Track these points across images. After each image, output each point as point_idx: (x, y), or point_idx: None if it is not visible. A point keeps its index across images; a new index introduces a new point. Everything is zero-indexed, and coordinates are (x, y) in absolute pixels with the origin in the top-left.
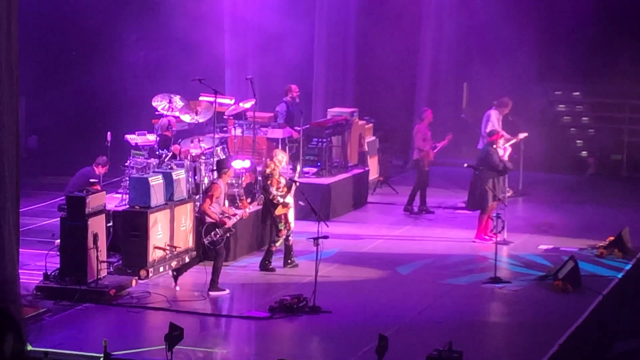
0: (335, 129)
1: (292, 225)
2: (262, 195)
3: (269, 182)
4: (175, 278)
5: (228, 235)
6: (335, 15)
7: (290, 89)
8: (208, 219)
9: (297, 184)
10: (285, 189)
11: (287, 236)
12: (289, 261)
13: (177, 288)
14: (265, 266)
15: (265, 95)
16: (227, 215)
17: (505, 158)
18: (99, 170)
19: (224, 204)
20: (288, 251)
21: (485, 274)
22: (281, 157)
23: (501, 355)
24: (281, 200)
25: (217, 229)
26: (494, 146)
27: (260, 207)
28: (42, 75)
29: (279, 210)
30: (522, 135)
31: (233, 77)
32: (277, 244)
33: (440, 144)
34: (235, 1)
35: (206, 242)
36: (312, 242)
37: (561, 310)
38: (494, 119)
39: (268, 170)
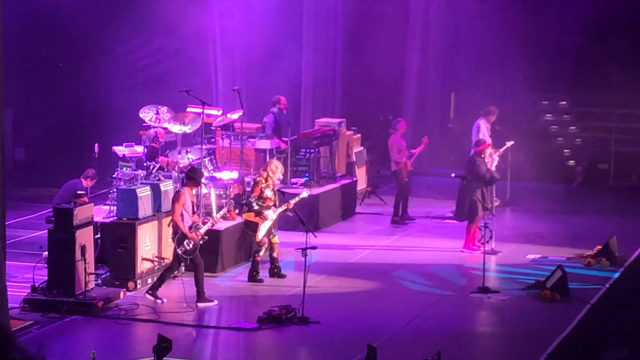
0: (323, 139)
1: (260, 237)
2: (232, 201)
3: (252, 187)
4: (153, 295)
5: (201, 242)
6: (323, 26)
7: (279, 100)
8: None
9: (291, 206)
10: (270, 203)
11: (271, 248)
12: (273, 272)
13: (165, 300)
14: (253, 277)
15: (252, 106)
16: (196, 224)
17: (493, 168)
18: (87, 183)
19: (194, 213)
20: (272, 262)
21: (474, 283)
22: (274, 168)
23: None
24: (255, 207)
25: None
26: (482, 156)
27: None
28: (30, 87)
29: (248, 216)
30: (509, 144)
31: (222, 89)
32: (261, 253)
33: (416, 150)
34: (224, 13)
35: (180, 252)
36: (301, 252)
37: (549, 319)
38: (483, 129)
39: (258, 178)
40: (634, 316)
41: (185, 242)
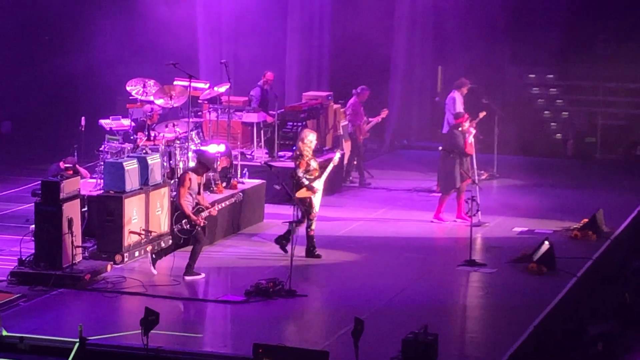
0: (310, 112)
1: (316, 210)
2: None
3: (297, 162)
4: (154, 262)
5: (201, 225)
6: None
7: (265, 75)
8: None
9: (336, 162)
10: (317, 173)
11: (309, 225)
12: (310, 250)
13: (155, 272)
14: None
15: (239, 79)
16: (199, 207)
17: (471, 140)
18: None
19: (198, 193)
20: (309, 241)
21: (460, 256)
22: (312, 138)
23: (476, 337)
24: (306, 182)
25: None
26: (459, 129)
27: (234, 198)
28: (16, 60)
29: (301, 193)
30: (481, 115)
31: (207, 62)
32: (313, 227)
33: (374, 119)
34: None
35: (176, 229)
36: (288, 225)
37: (536, 292)
38: (458, 101)
39: (297, 152)
40: (619, 289)
41: (183, 222)
